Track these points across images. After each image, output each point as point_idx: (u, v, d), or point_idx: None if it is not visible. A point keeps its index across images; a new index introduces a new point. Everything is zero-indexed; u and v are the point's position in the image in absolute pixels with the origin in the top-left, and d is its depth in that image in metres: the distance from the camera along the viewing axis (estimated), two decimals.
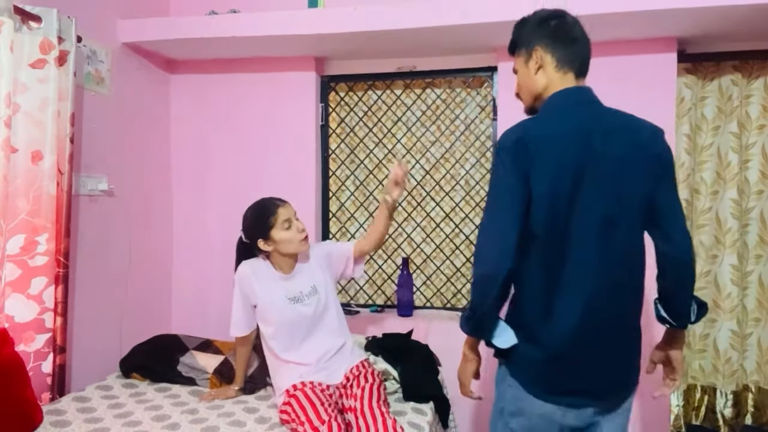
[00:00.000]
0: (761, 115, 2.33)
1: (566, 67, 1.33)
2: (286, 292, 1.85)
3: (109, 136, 2.33)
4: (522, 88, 1.40)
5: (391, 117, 2.69)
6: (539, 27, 1.35)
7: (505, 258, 1.20)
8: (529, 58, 1.35)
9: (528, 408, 1.31)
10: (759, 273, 2.37)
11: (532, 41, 1.35)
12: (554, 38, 1.33)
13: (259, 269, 1.88)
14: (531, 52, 1.34)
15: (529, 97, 1.38)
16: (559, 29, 1.34)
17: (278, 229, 1.81)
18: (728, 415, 2.40)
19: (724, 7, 1.92)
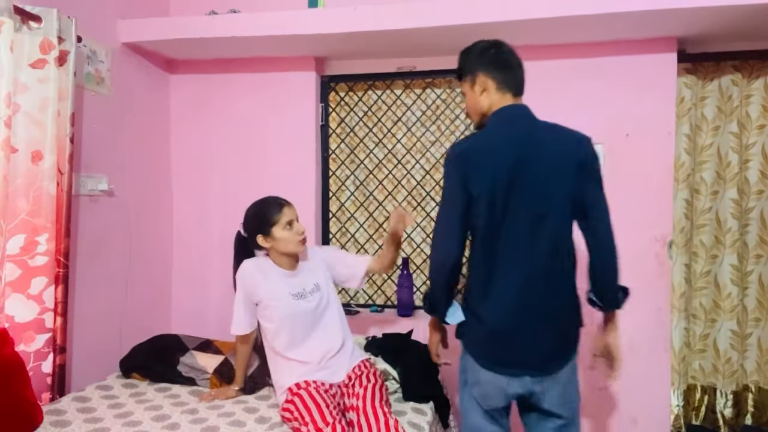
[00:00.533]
0: (761, 115, 2.33)
1: (505, 89, 1.56)
2: (290, 288, 1.86)
3: (109, 136, 2.33)
4: (470, 109, 1.63)
5: (391, 117, 2.69)
6: (480, 56, 1.59)
7: (452, 247, 1.49)
8: (474, 83, 1.58)
9: (482, 378, 1.53)
10: (759, 273, 2.37)
11: (475, 68, 1.58)
12: (494, 65, 1.56)
13: (262, 266, 1.89)
14: (475, 78, 1.58)
15: (476, 115, 1.61)
16: (497, 57, 1.58)
17: (279, 228, 1.84)
18: (728, 415, 2.40)
19: (724, 7, 1.92)
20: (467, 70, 1.61)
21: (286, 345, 1.84)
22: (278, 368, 1.88)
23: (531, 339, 1.48)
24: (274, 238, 1.84)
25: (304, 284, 1.89)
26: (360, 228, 2.74)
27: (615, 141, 2.33)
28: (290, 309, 1.84)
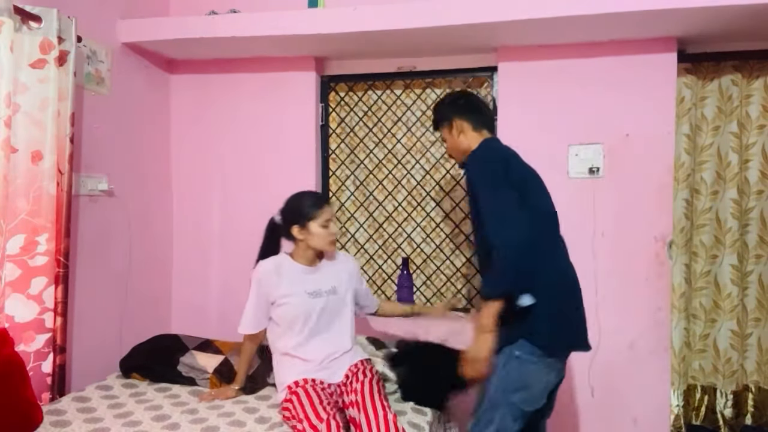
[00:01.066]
0: (761, 115, 2.33)
1: (479, 127, 1.83)
2: (306, 285, 1.87)
3: (109, 136, 2.33)
4: (452, 150, 1.89)
5: (391, 117, 2.69)
6: (453, 104, 1.86)
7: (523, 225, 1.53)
8: (451, 128, 1.84)
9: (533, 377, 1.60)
10: (759, 273, 2.37)
11: (450, 115, 1.84)
12: (465, 109, 1.84)
13: (281, 266, 1.89)
14: (452, 123, 1.84)
15: (458, 154, 1.86)
16: (467, 103, 1.86)
17: (316, 224, 1.85)
18: (728, 415, 2.40)
19: (724, 7, 1.92)
20: (443, 118, 1.87)
21: (293, 343, 1.84)
22: (281, 366, 1.88)
23: (582, 314, 1.69)
24: (309, 232, 1.85)
25: (321, 284, 1.90)
26: (360, 228, 2.74)
27: (615, 141, 2.33)
28: (303, 307, 1.84)
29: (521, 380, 1.58)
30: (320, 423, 1.60)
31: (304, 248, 1.90)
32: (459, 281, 2.67)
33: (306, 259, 1.91)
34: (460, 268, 2.65)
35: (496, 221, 1.53)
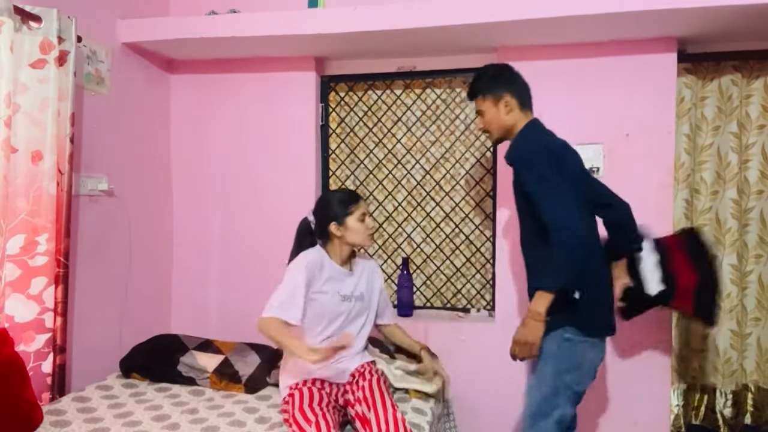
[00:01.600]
0: (761, 115, 2.33)
1: (526, 107, 1.82)
2: (341, 288, 1.87)
3: (109, 136, 2.33)
4: (491, 125, 1.82)
5: (391, 117, 2.69)
6: (503, 78, 1.81)
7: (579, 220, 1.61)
8: (498, 102, 1.79)
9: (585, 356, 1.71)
10: (759, 273, 2.37)
11: (499, 89, 1.79)
12: (515, 86, 1.80)
13: (323, 260, 1.87)
14: (500, 98, 1.78)
15: (499, 131, 1.83)
16: (518, 79, 1.82)
17: (354, 219, 1.85)
18: (728, 415, 2.41)
19: (724, 7, 1.92)
20: (490, 90, 1.79)
21: (312, 342, 1.78)
22: (288, 367, 1.86)
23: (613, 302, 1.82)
24: (347, 228, 1.85)
25: (353, 289, 1.90)
26: None
27: (615, 141, 2.33)
28: (334, 308, 1.84)
29: (573, 360, 1.69)
30: (308, 425, 1.61)
31: (340, 246, 1.88)
32: (459, 281, 2.67)
33: (341, 258, 1.89)
34: (460, 268, 2.65)
35: (558, 218, 1.58)
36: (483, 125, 1.85)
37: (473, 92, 1.85)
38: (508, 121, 1.79)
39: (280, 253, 2.61)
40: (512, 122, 1.79)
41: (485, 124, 1.84)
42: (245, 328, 2.56)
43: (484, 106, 1.82)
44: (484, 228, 2.62)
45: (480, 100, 1.82)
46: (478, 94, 1.83)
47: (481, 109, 1.83)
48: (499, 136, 1.84)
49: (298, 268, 1.80)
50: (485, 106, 1.81)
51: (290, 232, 2.59)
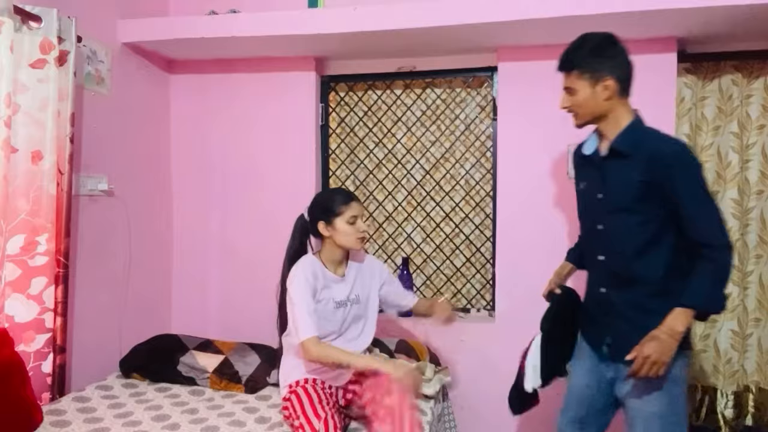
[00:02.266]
0: (761, 115, 2.33)
1: (626, 93, 1.56)
2: (335, 294, 1.84)
3: (109, 136, 2.33)
4: (582, 108, 1.56)
5: (391, 117, 2.69)
6: (604, 54, 1.52)
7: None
8: (596, 84, 1.52)
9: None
10: (759, 273, 2.36)
11: (602, 69, 1.51)
12: (622, 69, 1.53)
13: (316, 270, 1.82)
14: (600, 80, 1.51)
15: (589, 116, 1.58)
16: (623, 57, 1.54)
17: (342, 220, 1.79)
18: (729, 416, 2.40)
19: (724, 7, 1.92)
20: (588, 67, 1.52)
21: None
22: (289, 364, 1.85)
23: None
24: (334, 228, 1.80)
25: (348, 293, 1.87)
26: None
27: None
28: (329, 315, 1.81)
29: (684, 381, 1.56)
30: (318, 421, 1.60)
31: (331, 246, 1.84)
32: (459, 281, 2.67)
33: (333, 260, 1.85)
34: (460, 268, 2.65)
35: (717, 235, 1.42)
36: (569, 105, 1.59)
37: (568, 64, 1.56)
38: (602, 107, 1.54)
39: (280, 253, 2.60)
40: (607, 110, 1.54)
41: (573, 105, 1.58)
42: (245, 328, 2.57)
43: (577, 84, 1.54)
44: (484, 228, 2.62)
45: (575, 76, 1.54)
46: (574, 68, 1.54)
47: (572, 86, 1.56)
48: (584, 122, 1.60)
49: (302, 284, 1.76)
50: (579, 84, 1.54)
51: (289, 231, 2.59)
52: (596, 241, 1.61)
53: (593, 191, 1.60)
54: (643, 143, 1.50)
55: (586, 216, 1.67)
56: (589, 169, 1.65)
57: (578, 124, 1.62)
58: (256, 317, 2.63)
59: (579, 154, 1.71)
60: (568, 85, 1.57)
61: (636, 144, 1.50)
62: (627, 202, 1.50)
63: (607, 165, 1.56)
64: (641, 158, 1.47)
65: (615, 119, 1.55)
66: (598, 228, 1.58)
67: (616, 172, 1.53)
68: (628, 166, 1.50)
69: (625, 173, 1.50)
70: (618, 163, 1.53)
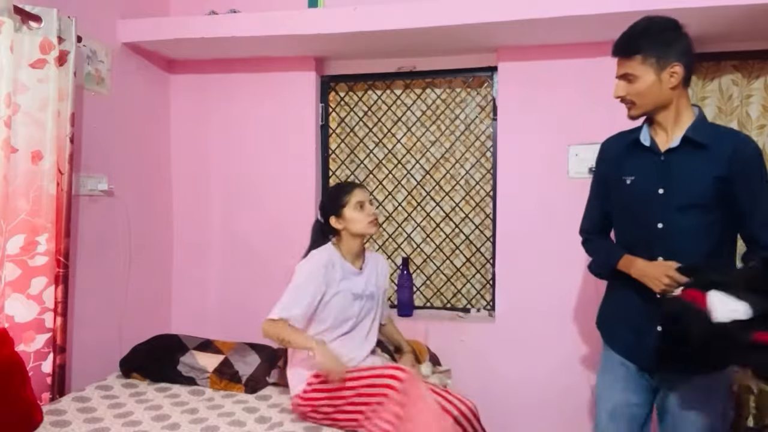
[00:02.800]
0: (761, 115, 2.33)
1: (688, 83, 1.45)
2: (353, 287, 1.85)
3: (109, 136, 2.33)
4: (644, 97, 1.44)
5: (391, 117, 2.69)
6: (672, 38, 1.42)
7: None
8: (663, 70, 1.40)
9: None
10: None
11: (669, 54, 1.40)
12: (687, 54, 1.42)
13: (335, 261, 1.84)
14: (667, 66, 1.40)
15: (651, 106, 1.46)
16: (689, 44, 1.43)
17: (350, 208, 1.84)
18: (730, 417, 2.40)
19: (724, 7, 1.92)
20: (655, 51, 1.40)
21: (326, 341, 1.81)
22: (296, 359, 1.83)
23: None
24: (345, 219, 1.84)
25: (364, 287, 1.89)
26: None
27: None
28: (347, 308, 1.82)
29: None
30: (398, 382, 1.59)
31: (347, 239, 1.87)
32: (459, 281, 2.67)
33: (351, 252, 1.88)
34: (460, 268, 2.65)
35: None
36: (626, 93, 1.45)
37: (630, 48, 1.42)
38: (666, 98, 1.42)
39: (280, 252, 2.62)
40: (669, 99, 1.42)
41: (632, 93, 1.44)
42: (245, 328, 2.57)
43: (639, 70, 1.41)
44: (484, 228, 2.62)
45: (638, 61, 1.41)
46: (638, 53, 1.40)
47: (633, 73, 1.42)
48: (644, 112, 1.47)
49: (312, 270, 1.78)
50: (642, 70, 1.40)
51: (290, 231, 2.61)
52: (655, 241, 1.46)
53: (650, 186, 1.47)
54: (723, 136, 1.42)
55: (639, 213, 1.50)
56: (642, 161, 1.50)
57: (634, 114, 1.49)
58: (256, 317, 2.62)
59: (625, 144, 1.56)
60: (627, 71, 1.44)
61: (715, 136, 1.41)
62: (700, 198, 1.39)
63: (674, 157, 1.44)
64: (722, 151, 1.37)
65: (677, 110, 1.44)
66: (659, 227, 1.45)
67: (688, 165, 1.41)
68: (704, 159, 1.39)
69: (699, 166, 1.40)
70: (691, 156, 1.41)
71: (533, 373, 2.42)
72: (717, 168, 1.38)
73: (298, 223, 2.59)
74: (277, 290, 2.62)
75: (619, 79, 1.47)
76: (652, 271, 1.44)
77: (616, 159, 1.59)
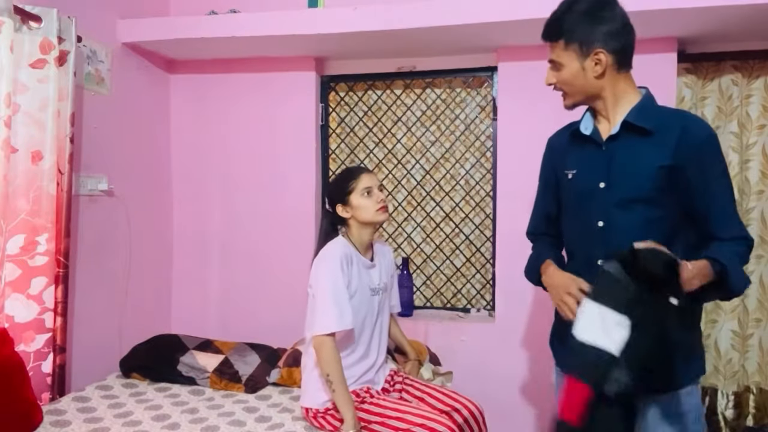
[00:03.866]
0: (761, 114, 2.33)
1: (624, 66, 1.29)
2: (369, 280, 1.76)
3: (109, 136, 2.33)
4: (572, 87, 1.31)
5: (391, 117, 2.69)
6: (596, 19, 1.25)
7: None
8: (586, 58, 1.27)
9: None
10: (760, 273, 2.36)
11: (590, 40, 1.26)
12: (617, 37, 1.26)
13: (351, 252, 1.72)
14: (589, 53, 1.26)
15: (581, 96, 1.33)
16: (620, 23, 1.27)
17: (357, 195, 1.71)
18: (729, 417, 2.40)
19: (724, 7, 1.92)
20: (577, 35, 1.26)
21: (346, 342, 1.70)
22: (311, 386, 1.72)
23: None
24: (352, 206, 1.72)
25: (378, 280, 1.79)
26: None
27: None
28: (366, 304, 1.73)
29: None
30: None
31: (357, 228, 1.75)
32: (459, 281, 2.67)
33: (362, 243, 1.76)
34: (460, 268, 2.65)
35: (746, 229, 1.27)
36: (555, 81, 1.33)
37: (552, 32, 1.30)
38: (595, 87, 1.29)
39: (280, 252, 2.62)
40: (601, 88, 1.29)
41: (560, 82, 1.32)
42: (245, 328, 2.58)
43: (563, 57, 1.28)
44: (484, 228, 2.62)
45: (560, 46, 1.28)
46: (560, 37, 1.28)
47: (557, 60, 1.30)
48: (576, 102, 1.35)
49: (334, 271, 1.63)
50: (565, 57, 1.28)
51: (290, 231, 2.61)
52: (595, 242, 1.29)
53: (591, 179, 1.31)
54: (671, 118, 1.26)
55: (580, 210, 1.35)
56: (584, 153, 1.36)
57: (568, 104, 1.36)
58: (256, 317, 2.64)
59: (567, 136, 1.42)
60: (553, 57, 1.31)
61: (662, 119, 1.26)
62: (643, 191, 1.23)
63: (615, 146, 1.29)
64: (669, 137, 1.22)
65: (614, 97, 1.30)
66: (599, 225, 1.29)
67: (631, 155, 1.26)
68: (648, 147, 1.24)
69: (642, 155, 1.24)
70: (633, 144, 1.26)
71: (533, 373, 2.42)
72: (663, 156, 1.22)
73: (298, 223, 2.60)
74: (277, 290, 2.63)
75: (549, 66, 1.34)
76: (556, 281, 1.30)
77: (561, 152, 1.45)
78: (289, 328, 2.26)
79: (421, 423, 1.56)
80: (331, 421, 1.67)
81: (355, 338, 1.72)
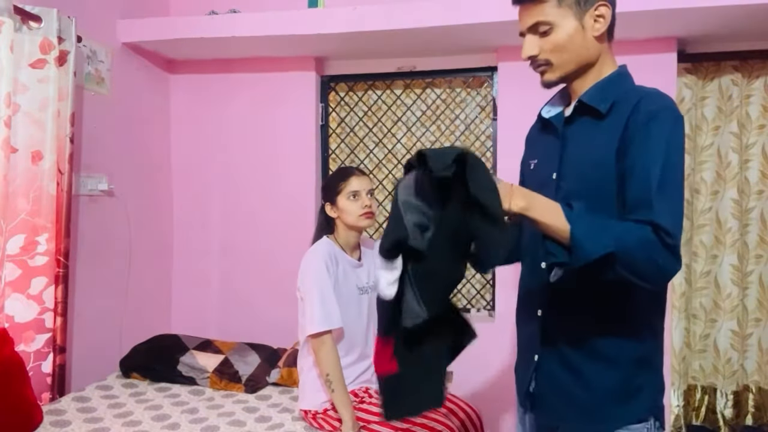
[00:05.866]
0: (761, 115, 2.33)
1: (611, 33, 1.08)
2: (357, 280, 1.75)
3: (109, 136, 2.33)
4: (565, 52, 1.04)
5: (391, 117, 2.69)
6: None
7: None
8: (584, 13, 1.02)
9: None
10: (759, 273, 2.36)
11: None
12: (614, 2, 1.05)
13: (335, 254, 1.72)
14: (590, 6, 1.02)
15: (573, 65, 1.06)
16: None
17: (343, 197, 1.71)
18: (729, 416, 2.40)
19: (724, 7, 1.92)
20: None
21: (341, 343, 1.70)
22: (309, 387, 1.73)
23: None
24: (339, 208, 1.72)
25: (367, 279, 1.79)
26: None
27: None
28: (354, 303, 1.73)
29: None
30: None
31: (342, 228, 1.75)
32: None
33: (348, 244, 1.76)
34: None
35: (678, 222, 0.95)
36: (540, 51, 1.06)
37: None
38: (593, 51, 1.05)
39: (280, 252, 2.62)
40: (595, 55, 1.06)
41: (547, 50, 1.05)
42: (245, 328, 2.57)
43: (554, 15, 1.03)
44: None
45: (551, 3, 1.03)
46: None
47: (546, 20, 1.03)
48: (565, 73, 1.08)
49: (320, 270, 1.64)
50: (557, 15, 1.03)
51: (290, 231, 2.61)
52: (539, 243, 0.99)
53: (547, 170, 1.12)
54: (628, 94, 1.03)
55: None
56: (545, 140, 1.18)
57: (551, 79, 1.09)
58: (256, 317, 2.64)
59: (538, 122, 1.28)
60: (539, 19, 1.04)
61: (621, 98, 1.03)
62: (592, 184, 1.02)
63: (570, 132, 1.10)
64: (620, 118, 1.01)
65: (599, 72, 1.08)
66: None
67: (584, 142, 1.06)
68: (603, 131, 1.03)
69: (591, 142, 1.04)
70: (584, 129, 1.07)
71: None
72: (611, 142, 1.00)
73: (298, 223, 2.60)
74: (277, 290, 2.63)
75: (528, 34, 1.07)
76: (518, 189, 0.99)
77: (530, 142, 1.32)
78: (289, 328, 2.25)
79: (420, 423, 1.56)
80: (330, 422, 1.67)
81: (348, 338, 1.73)
